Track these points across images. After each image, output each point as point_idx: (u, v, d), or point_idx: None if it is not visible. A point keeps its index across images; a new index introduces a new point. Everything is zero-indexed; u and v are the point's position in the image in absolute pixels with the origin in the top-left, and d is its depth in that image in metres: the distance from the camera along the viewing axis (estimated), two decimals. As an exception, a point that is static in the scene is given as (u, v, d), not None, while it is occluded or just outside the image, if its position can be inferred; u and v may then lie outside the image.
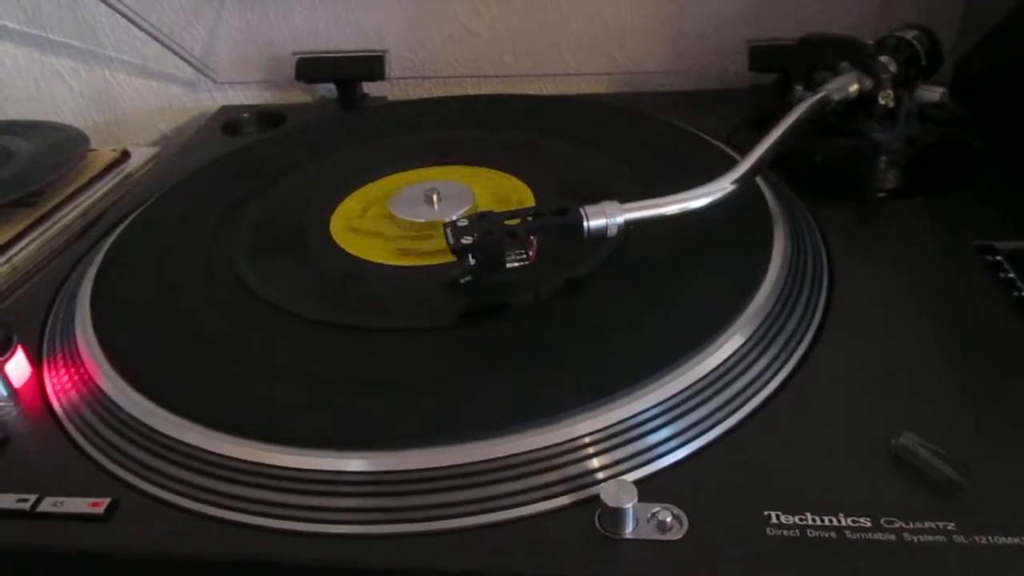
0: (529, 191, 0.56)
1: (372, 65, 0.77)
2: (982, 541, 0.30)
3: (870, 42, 0.55)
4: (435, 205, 0.53)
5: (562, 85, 0.80)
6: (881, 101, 0.52)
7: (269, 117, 0.76)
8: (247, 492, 0.35)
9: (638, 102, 0.72)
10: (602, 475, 0.34)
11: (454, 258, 0.43)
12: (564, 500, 0.33)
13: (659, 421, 0.36)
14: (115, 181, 0.69)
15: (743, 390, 0.38)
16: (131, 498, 0.35)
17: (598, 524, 0.32)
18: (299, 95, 0.83)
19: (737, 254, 0.46)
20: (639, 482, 0.32)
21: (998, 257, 0.46)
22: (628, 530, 0.31)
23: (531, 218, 0.43)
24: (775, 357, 0.40)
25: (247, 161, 0.65)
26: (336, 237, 0.52)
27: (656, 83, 0.78)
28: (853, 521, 0.31)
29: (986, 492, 0.32)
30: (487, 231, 0.42)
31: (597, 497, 0.32)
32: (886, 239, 0.49)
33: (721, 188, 0.45)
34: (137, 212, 0.59)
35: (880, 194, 0.54)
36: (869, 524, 0.31)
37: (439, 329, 0.43)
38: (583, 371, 0.38)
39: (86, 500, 0.35)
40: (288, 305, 0.45)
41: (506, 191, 0.56)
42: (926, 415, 0.36)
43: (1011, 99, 0.57)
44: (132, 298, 0.48)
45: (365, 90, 0.79)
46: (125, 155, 0.72)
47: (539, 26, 0.78)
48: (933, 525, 0.31)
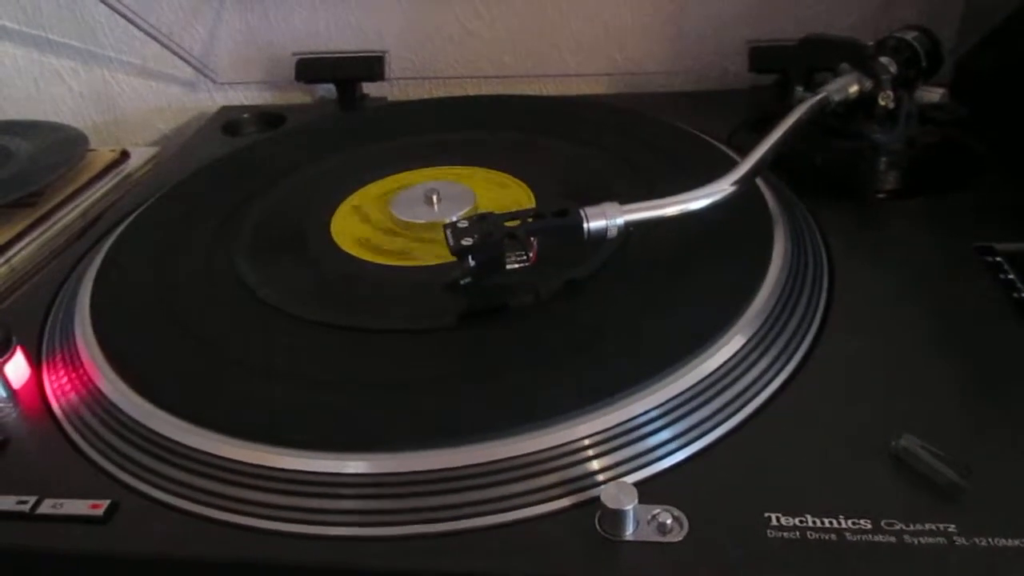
0: (529, 192, 0.56)
1: (372, 65, 0.77)
2: (983, 543, 0.30)
3: (870, 43, 0.55)
4: (435, 206, 0.53)
5: (562, 86, 0.80)
6: (881, 102, 0.52)
7: (269, 117, 0.76)
8: (247, 494, 0.35)
9: (638, 103, 0.71)
10: (602, 477, 0.34)
11: (454, 259, 0.43)
12: (564, 502, 0.33)
13: (659, 423, 0.36)
14: (115, 181, 0.69)
15: (743, 392, 0.38)
16: (131, 500, 0.35)
17: (598, 526, 0.32)
18: (299, 95, 0.83)
19: (737, 255, 0.46)
20: (639, 484, 0.32)
21: (998, 258, 0.46)
22: (628, 532, 0.31)
23: (531, 219, 0.43)
24: (775, 358, 0.40)
25: (247, 161, 0.65)
26: (336, 238, 0.52)
27: (656, 84, 0.78)
28: (853, 523, 0.31)
29: (987, 494, 0.32)
30: (487, 232, 0.42)
31: (597, 499, 0.31)
32: (886, 240, 0.49)
33: (721, 189, 0.45)
34: (137, 212, 0.59)
35: (880, 195, 0.54)
36: (869, 526, 0.31)
37: (439, 330, 0.43)
38: (583, 373, 0.38)
39: (86, 502, 0.35)
40: (288, 306, 0.45)
41: (506, 192, 0.56)
42: (926, 417, 0.36)
43: (1011, 100, 0.57)
44: (132, 298, 0.48)
45: (365, 91, 0.79)
46: (125, 155, 0.72)
47: (539, 27, 0.78)
48: (934, 527, 0.31)
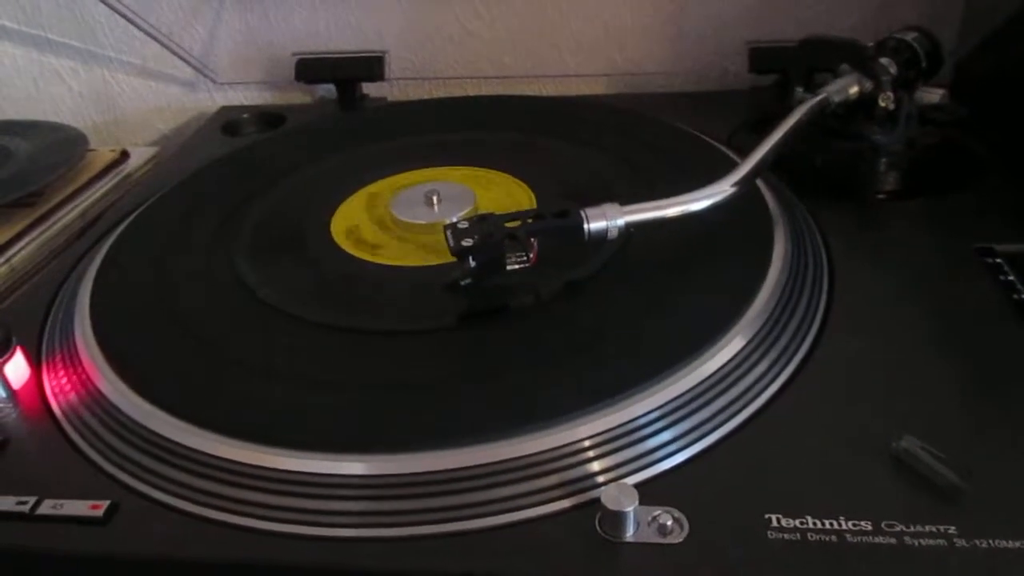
0: (529, 192, 0.56)
1: (372, 66, 0.77)
2: (983, 545, 0.30)
3: (870, 44, 0.55)
4: (435, 206, 0.53)
5: (562, 86, 0.80)
6: (881, 103, 0.52)
7: (269, 118, 0.76)
8: (246, 495, 0.35)
9: (638, 103, 0.71)
10: (602, 478, 0.34)
11: (454, 260, 0.43)
12: (564, 503, 0.33)
13: (660, 424, 0.36)
14: (114, 181, 0.69)
15: (744, 393, 0.38)
16: (130, 501, 0.35)
17: (599, 527, 0.32)
18: (299, 95, 0.82)
19: (738, 256, 0.46)
20: (640, 485, 0.32)
21: (998, 260, 0.46)
22: (629, 533, 0.31)
23: (532, 220, 0.43)
24: (776, 360, 0.40)
25: (247, 161, 0.65)
26: (336, 238, 0.52)
27: (656, 84, 0.78)
28: (854, 524, 0.31)
29: (987, 496, 0.32)
30: (487, 233, 0.42)
31: (598, 500, 0.31)
32: (886, 241, 0.49)
33: (722, 190, 0.45)
34: (137, 212, 0.59)
35: (880, 196, 0.54)
36: (870, 527, 0.31)
37: (439, 331, 0.43)
38: (583, 374, 0.38)
39: (85, 503, 0.35)
40: (288, 307, 0.45)
41: (506, 192, 0.56)
42: (926, 418, 0.36)
43: (1012, 101, 0.57)
44: (132, 299, 0.48)
45: (365, 91, 0.79)
46: (124, 155, 0.72)
47: (539, 27, 0.77)
48: (934, 529, 0.31)
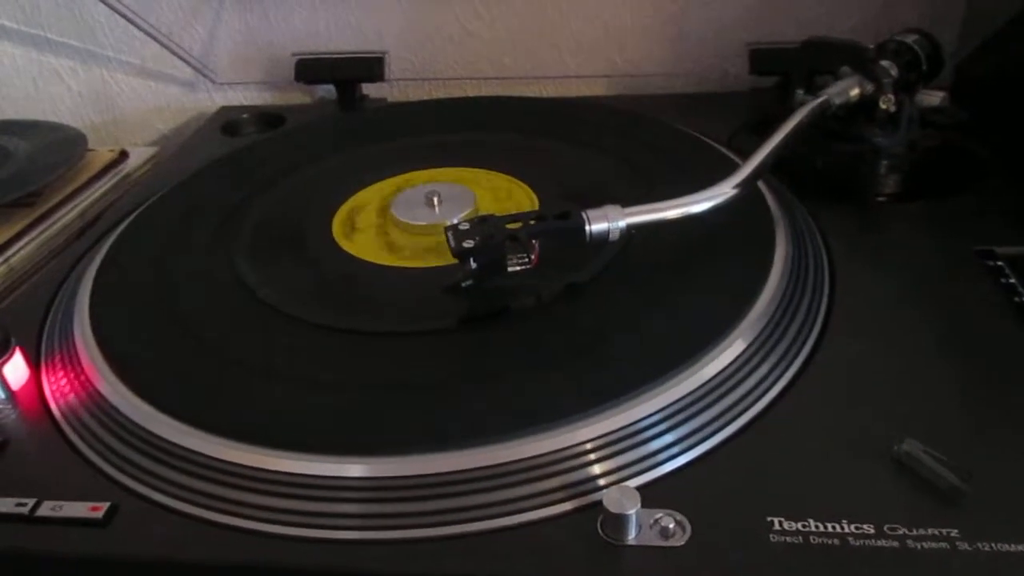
0: (530, 193, 0.56)
1: (372, 66, 0.77)
2: (986, 548, 0.30)
3: (871, 46, 0.55)
4: (436, 207, 0.52)
5: (562, 87, 0.80)
6: (882, 105, 0.52)
7: (268, 118, 0.76)
8: (246, 497, 0.34)
9: (638, 105, 0.71)
10: (604, 481, 0.34)
11: (455, 261, 0.43)
12: (566, 506, 0.33)
13: (661, 427, 0.36)
14: (114, 181, 0.69)
15: (745, 395, 0.38)
16: (130, 502, 0.35)
17: (600, 530, 0.32)
18: (299, 96, 0.82)
19: (739, 258, 0.46)
20: (641, 488, 0.32)
21: (999, 262, 0.46)
22: (631, 536, 0.31)
23: (533, 222, 0.43)
24: (777, 362, 0.40)
25: (247, 161, 0.65)
26: (337, 238, 0.52)
27: (656, 85, 0.78)
28: (856, 527, 0.31)
29: (989, 498, 0.32)
30: (488, 235, 0.42)
31: (599, 503, 0.31)
32: (887, 244, 0.49)
33: (723, 192, 0.45)
34: (136, 212, 0.59)
35: (881, 198, 0.54)
36: (872, 531, 0.31)
37: (440, 333, 0.43)
38: (585, 376, 0.38)
39: (85, 504, 0.35)
40: (288, 307, 0.45)
41: (506, 193, 0.56)
42: (928, 420, 0.36)
43: (1012, 103, 0.57)
44: (131, 299, 0.48)
45: (365, 91, 0.79)
46: (123, 155, 0.71)
47: (539, 28, 0.77)
48: (936, 532, 0.31)
